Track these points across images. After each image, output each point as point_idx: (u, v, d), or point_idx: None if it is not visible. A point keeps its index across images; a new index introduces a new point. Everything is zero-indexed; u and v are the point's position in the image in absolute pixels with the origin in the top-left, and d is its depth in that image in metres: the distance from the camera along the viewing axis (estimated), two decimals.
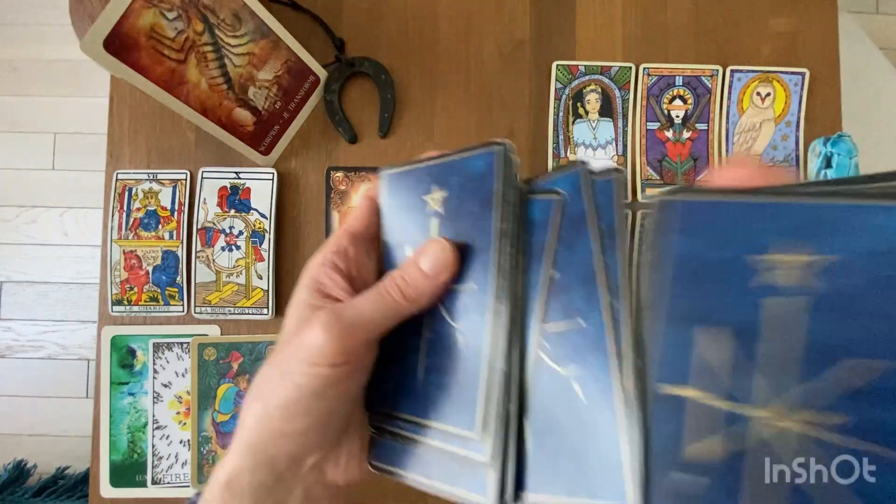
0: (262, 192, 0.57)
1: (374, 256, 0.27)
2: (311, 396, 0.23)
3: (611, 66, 0.59)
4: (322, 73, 0.58)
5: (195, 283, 0.56)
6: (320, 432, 0.24)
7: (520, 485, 0.20)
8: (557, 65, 0.59)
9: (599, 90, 0.59)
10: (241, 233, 0.57)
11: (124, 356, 0.57)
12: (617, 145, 0.58)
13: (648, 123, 0.59)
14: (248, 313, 0.56)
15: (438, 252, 0.23)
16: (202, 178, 0.57)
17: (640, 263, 0.18)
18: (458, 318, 0.23)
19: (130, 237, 0.57)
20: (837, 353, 0.13)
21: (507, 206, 0.22)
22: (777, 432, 0.13)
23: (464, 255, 0.23)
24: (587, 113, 0.59)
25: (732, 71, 0.58)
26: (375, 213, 0.27)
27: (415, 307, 0.23)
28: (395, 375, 0.25)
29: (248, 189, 0.57)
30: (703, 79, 0.58)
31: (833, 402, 0.13)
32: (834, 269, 0.14)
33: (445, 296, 0.23)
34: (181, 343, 0.56)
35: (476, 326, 0.22)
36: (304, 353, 0.22)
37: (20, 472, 1.15)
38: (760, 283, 0.15)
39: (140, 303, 0.56)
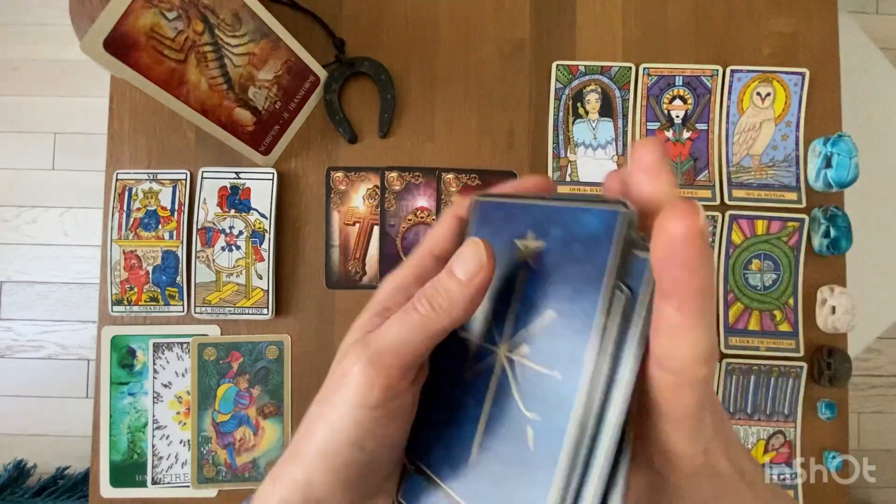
0: (262, 192, 0.57)
1: None
2: (350, 447, 0.20)
3: (611, 66, 0.59)
4: (322, 73, 0.58)
5: (195, 283, 0.56)
6: (364, 479, 0.22)
7: (448, 477, 0.21)
8: (557, 65, 0.59)
9: (599, 90, 0.59)
10: (241, 233, 0.57)
11: (124, 356, 0.57)
12: (617, 145, 0.58)
13: (648, 123, 0.59)
14: (248, 313, 0.56)
15: (472, 252, 0.20)
16: (202, 178, 0.57)
17: None
18: (531, 405, 0.19)
19: (130, 237, 0.57)
20: (537, 307, 0.20)
21: (616, 292, 0.17)
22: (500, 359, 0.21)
23: (551, 330, 0.19)
24: (587, 113, 0.59)
25: (732, 71, 0.58)
26: (462, 234, 0.24)
27: (448, 320, 0.20)
28: (445, 437, 0.22)
29: (248, 189, 0.57)
30: (703, 79, 0.58)
31: (526, 339, 0.20)
32: (547, 250, 0.20)
33: (522, 371, 0.20)
34: (181, 343, 0.56)
35: (552, 428, 0.18)
36: (342, 393, 0.20)
37: (20, 472, 1.15)
38: (518, 258, 0.21)
39: (140, 303, 0.56)
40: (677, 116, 0.58)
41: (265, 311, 0.56)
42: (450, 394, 0.22)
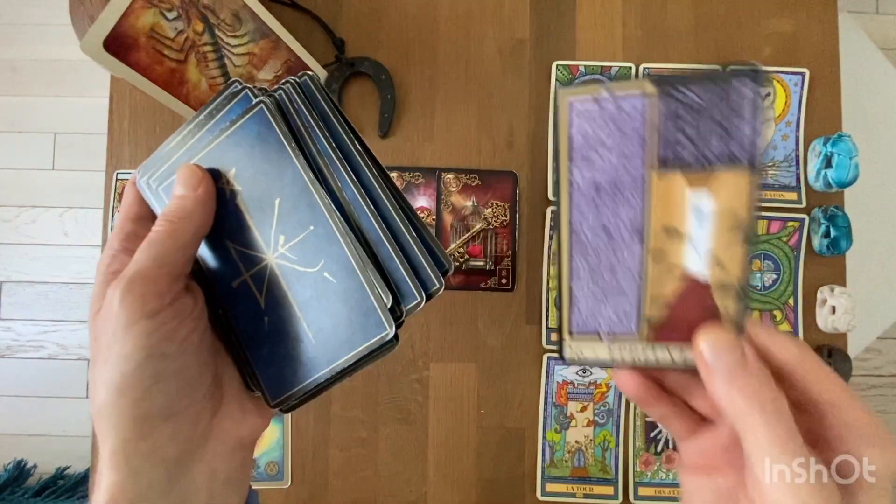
0: None
1: None
2: (150, 359, 0.20)
3: (611, 66, 0.59)
4: (322, 73, 0.58)
5: None
6: (186, 394, 0.22)
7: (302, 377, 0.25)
8: (557, 65, 0.59)
9: None
10: None
11: None
12: None
13: None
14: None
15: (185, 172, 0.24)
16: None
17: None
18: (314, 263, 0.24)
19: None
20: (265, 206, 0.25)
21: (302, 149, 0.25)
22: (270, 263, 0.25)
23: (285, 210, 0.24)
24: None
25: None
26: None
27: (191, 225, 0.23)
28: (276, 352, 0.25)
29: None
30: None
31: (278, 232, 0.25)
32: (239, 171, 0.25)
33: (294, 251, 0.24)
34: None
35: (340, 257, 0.24)
36: (113, 326, 0.20)
37: (20, 472, 1.15)
38: (228, 193, 0.25)
39: None
40: None
41: None
42: (255, 320, 0.25)
